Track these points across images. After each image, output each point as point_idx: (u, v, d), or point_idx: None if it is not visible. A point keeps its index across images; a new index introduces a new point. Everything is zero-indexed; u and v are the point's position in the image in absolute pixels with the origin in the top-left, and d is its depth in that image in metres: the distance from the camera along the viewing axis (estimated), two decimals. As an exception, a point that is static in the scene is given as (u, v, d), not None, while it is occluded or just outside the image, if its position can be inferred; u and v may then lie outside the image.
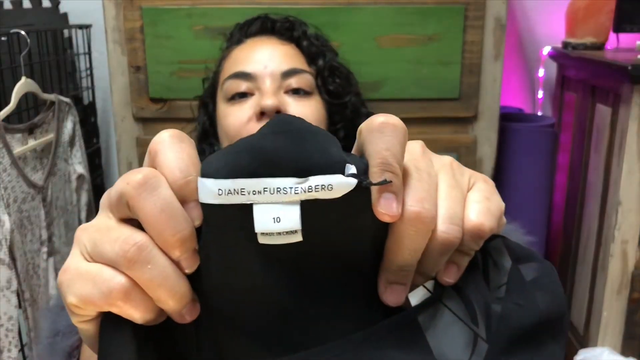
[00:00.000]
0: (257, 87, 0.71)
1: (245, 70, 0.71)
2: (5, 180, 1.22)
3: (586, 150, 1.55)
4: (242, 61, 0.73)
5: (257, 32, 0.77)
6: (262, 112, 0.68)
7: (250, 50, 0.74)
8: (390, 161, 0.26)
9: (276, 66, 0.71)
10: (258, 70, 0.71)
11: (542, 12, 1.80)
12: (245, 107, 0.71)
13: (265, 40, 0.76)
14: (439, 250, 0.27)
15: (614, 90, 1.38)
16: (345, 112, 0.77)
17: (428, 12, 1.27)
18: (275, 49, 0.73)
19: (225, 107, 0.73)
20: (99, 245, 0.27)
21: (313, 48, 0.76)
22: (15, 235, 1.24)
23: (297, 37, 0.76)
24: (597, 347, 1.42)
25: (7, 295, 1.21)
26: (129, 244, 0.26)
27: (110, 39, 1.29)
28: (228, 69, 0.75)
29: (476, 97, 1.34)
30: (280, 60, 0.72)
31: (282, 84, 0.71)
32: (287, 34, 0.77)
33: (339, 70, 0.77)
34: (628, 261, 1.38)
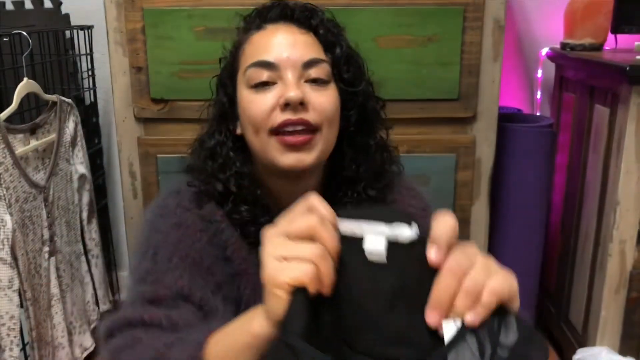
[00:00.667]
0: (280, 77, 0.74)
1: (267, 59, 0.74)
2: (7, 180, 1.23)
3: (584, 150, 1.56)
4: (263, 49, 0.76)
5: (276, 19, 0.79)
6: (287, 103, 0.72)
7: (271, 37, 0.77)
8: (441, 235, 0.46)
9: (298, 57, 0.74)
10: (281, 60, 0.74)
11: (540, 13, 1.80)
12: (268, 96, 0.74)
13: (286, 28, 0.77)
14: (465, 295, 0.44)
15: (612, 90, 1.39)
16: (357, 99, 0.80)
17: (427, 13, 1.28)
18: (296, 39, 0.76)
19: (248, 94, 0.76)
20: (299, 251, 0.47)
21: (330, 36, 0.78)
22: (17, 235, 1.24)
23: (315, 26, 0.78)
24: (596, 347, 1.42)
25: (9, 294, 1.22)
26: (318, 251, 0.47)
27: (111, 39, 1.30)
28: (250, 55, 0.77)
29: (475, 98, 1.34)
30: (301, 50, 0.75)
31: (303, 74, 0.75)
32: (305, 22, 0.78)
33: (353, 59, 0.80)
34: (626, 261, 1.39)
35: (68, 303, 1.46)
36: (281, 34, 0.76)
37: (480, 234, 1.45)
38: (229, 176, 0.78)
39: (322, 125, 0.74)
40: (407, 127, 1.36)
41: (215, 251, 0.77)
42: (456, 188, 1.40)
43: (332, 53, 0.77)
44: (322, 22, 0.79)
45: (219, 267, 0.76)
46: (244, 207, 0.78)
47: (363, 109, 0.80)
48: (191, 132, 1.34)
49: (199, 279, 0.72)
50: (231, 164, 0.78)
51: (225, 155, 0.79)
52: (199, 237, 0.76)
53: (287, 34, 0.76)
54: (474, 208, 1.43)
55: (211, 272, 0.74)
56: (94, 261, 1.59)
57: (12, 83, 1.42)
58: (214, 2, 1.26)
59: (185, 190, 0.81)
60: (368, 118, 0.82)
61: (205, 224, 0.77)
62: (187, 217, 0.77)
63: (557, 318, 1.73)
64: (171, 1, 1.26)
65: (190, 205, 0.79)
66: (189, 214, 0.77)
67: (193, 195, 0.80)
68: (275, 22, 0.78)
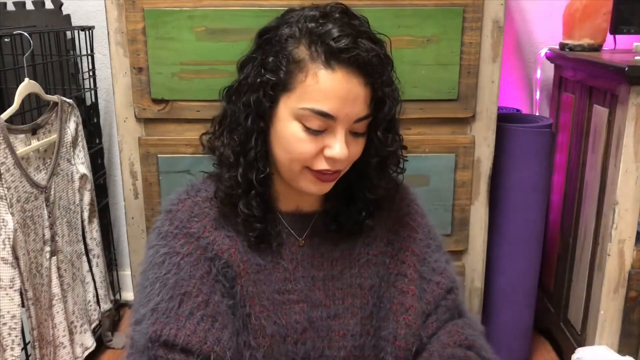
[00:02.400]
0: (331, 126, 0.77)
1: (328, 112, 0.75)
2: (8, 180, 1.23)
3: (583, 150, 1.56)
4: (327, 97, 0.74)
5: (348, 63, 0.75)
6: (332, 159, 0.77)
7: (337, 86, 0.75)
8: None
9: (355, 113, 0.76)
10: (340, 113, 0.75)
11: (539, 14, 1.81)
12: (318, 140, 0.77)
13: (353, 80, 0.75)
14: None
15: (610, 91, 1.40)
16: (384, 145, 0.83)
17: (427, 14, 1.29)
18: (358, 95, 0.76)
19: (297, 129, 0.76)
20: None
21: (382, 96, 0.79)
22: (19, 235, 1.25)
23: (375, 79, 0.77)
24: (595, 346, 1.43)
25: (10, 294, 1.22)
26: None
27: (112, 40, 1.31)
28: (312, 94, 0.75)
29: (474, 98, 1.35)
30: (359, 109, 0.77)
31: (351, 127, 0.78)
32: (370, 76, 0.77)
33: (392, 124, 0.82)
34: (625, 260, 1.39)
35: (69, 302, 1.47)
36: (347, 87, 0.75)
37: (479, 234, 1.45)
38: (257, 175, 0.80)
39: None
40: (406, 128, 1.36)
41: (207, 266, 0.80)
42: (455, 188, 1.40)
43: (375, 110, 0.79)
44: (382, 76, 0.78)
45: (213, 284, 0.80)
46: (255, 202, 0.81)
47: (383, 156, 0.83)
48: (192, 132, 1.35)
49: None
50: (258, 164, 0.80)
51: (254, 157, 0.79)
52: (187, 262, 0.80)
53: (353, 88, 0.75)
54: (473, 208, 1.44)
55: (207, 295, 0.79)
56: (95, 261, 1.59)
57: (13, 83, 1.42)
58: (215, 2, 1.27)
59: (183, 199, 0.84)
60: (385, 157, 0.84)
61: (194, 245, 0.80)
62: (175, 244, 0.80)
63: (556, 317, 1.74)
64: (172, 2, 1.27)
65: (181, 224, 0.81)
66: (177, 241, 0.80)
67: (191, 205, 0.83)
68: (346, 66, 0.75)
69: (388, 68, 0.80)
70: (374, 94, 0.78)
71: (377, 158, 0.83)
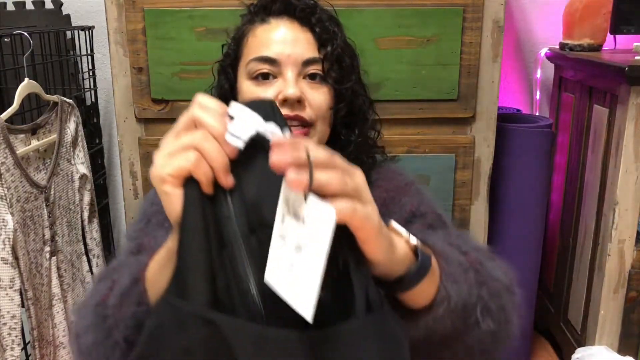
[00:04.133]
0: (280, 72, 0.78)
1: (270, 55, 0.78)
2: (8, 180, 1.23)
3: (583, 150, 1.56)
4: (266, 44, 0.79)
5: (280, 13, 0.81)
6: (285, 99, 0.76)
7: (274, 32, 0.80)
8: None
9: (298, 55, 0.77)
10: (282, 57, 0.77)
11: (539, 14, 1.81)
12: (269, 90, 0.78)
13: (288, 25, 0.80)
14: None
15: (611, 91, 1.40)
16: (345, 95, 0.83)
17: (427, 13, 1.29)
18: (297, 36, 0.79)
19: (248, 85, 0.80)
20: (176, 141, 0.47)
21: (325, 35, 0.81)
22: (19, 235, 1.25)
23: (313, 23, 0.81)
24: (595, 346, 1.43)
25: (10, 294, 1.22)
26: (198, 134, 0.47)
27: (112, 40, 1.31)
28: (253, 48, 0.80)
29: (474, 98, 1.35)
30: (302, 49, 0.79)
31: (302, 71, 0.79)
32: (306, 18, 0.81)
33: (343, 58, 0.82)
34: (625, 260, 1.39)
35: (69, 302, 1.47)
36: (284, 31, 0.79)
37: (479, 234, 1.45)
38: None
39: (316, 120, 0.78)
40: (406, 127, 1.36)
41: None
42: (455, 188, 1.40)
43: (324, 50, 0.80)
44: (321, 19, 0.81)
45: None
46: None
47: (350, 105, 0.83)
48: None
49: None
50: None
51: None
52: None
53: (290, 31, 0.79)
54: (473, 208, 1.44)
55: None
56: (95, 261, 1.59)
57: (13, 83, 1.42)
58: (215, 2, 1.27)
59: None
60: (353, 115, 0.84)
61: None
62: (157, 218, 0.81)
63: (556, 318, 1.74)
64: (172, 2, 1.27)
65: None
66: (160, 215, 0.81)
67: None
68: (278, 16, 0.81)
69: (321, 13, 0.82)
70: (318, 37, 0.80)
71: (341, 106, 0.82)
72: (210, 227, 0.48)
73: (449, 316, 0.59)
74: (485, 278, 0.63)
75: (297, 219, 0.45)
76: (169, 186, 0.48)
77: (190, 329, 0.45)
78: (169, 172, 0.47)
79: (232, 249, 0.48)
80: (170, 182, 0.47)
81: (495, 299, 0.63)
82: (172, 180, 0.47)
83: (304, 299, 0.44)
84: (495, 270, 0.65)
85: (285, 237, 0.46)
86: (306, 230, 0.44)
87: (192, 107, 0.49)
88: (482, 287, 0.62)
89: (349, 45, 0.85)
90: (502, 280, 0.65)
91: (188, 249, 0.47)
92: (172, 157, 0.47)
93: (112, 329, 0.59)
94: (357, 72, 0.86)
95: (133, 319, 0.57)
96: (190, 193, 0.47)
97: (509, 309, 0.64)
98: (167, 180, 0.47)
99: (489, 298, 0.62)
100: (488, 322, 0.62)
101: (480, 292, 0.62)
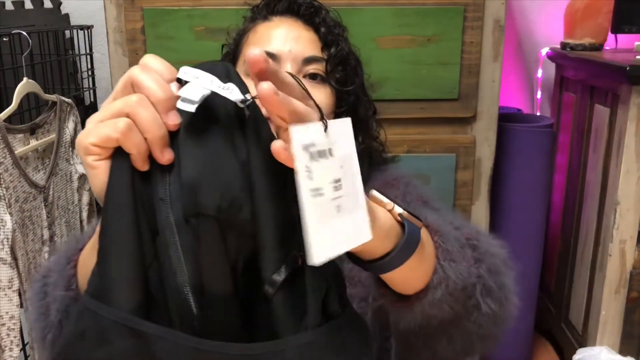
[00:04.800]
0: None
1: (269, 50, 0.75)
2: (7, 180, 1.23)
3: (584, 150, 1.56)
4: (266, 39, 0.76)
5: (283, 12, 0.80)
6: None
7: (275, 29, 0.78)
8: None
9: (299, 51, 0.75)
10: (282, 53, 0.75)
11: (540, 13, 1.80)
12: None
13: (291, 23, 0.79)
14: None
15: (612, 90, 1.39)
16: (348, 99, 0.81)
17: (427, 13, 1.28)
18: (299, 34, 0.77)
19: (246, 81, 0.76)
20: (109, 106, 0.40)
21: (329, 36, 0.79)
22: (17, 235, 1.24)
23: (318, 23, 0.79)
24: (596, 347, 1.42)
25: (9, 294, 1.22)
26: (133, 97, 0.40)
27: (111, 39, 1.30)
28: (253, 44, 0.79)
29: (475, 98, 1.34)
30: (303, 46, 0.76)
31: (302, 69, 0.76)
32: (310, 18, 0.80)
33: (348, 61, 0.81)
34: (626, 261, 1.39)
35: (68, 303, 1.46)
36: (286, 27, 0.78)
37: (480, 234, 1.45)
38: None
39: None
40: (407, 127, 1.36)
41: None
42: (456, 188, 1.40)
43: (328, 51, 0.78)
44: (325, 20, 0.80)
45: None
46: None
47: (352, 109, 0.81)
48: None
49: None
50: None
51: None
52: None
53: (292, 28, 0.78)
54: (474, 208, 1.43)
55: None
56: (93, 261, 1.59)
57: (12, 83, 1.41)
58: (214, 2, 1.26)
59: None
60: (355, 122, 0.81)
61: None
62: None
63: (557, 318, 1.73)
64: (171, 1, 1.26)
65: None
66: None
67: None
68: (281, 14, 0.80)
69: (325, 14, 0.81)
70: (323, 37, 0.78)
71: (343, 110, 0.79)
72: (140, 209, 0.41)
73: (447, 300, 0.54)
74: (483, 254, 0.58)
75: (324, 156, 0.39)
76: (92, 157, 0.41)
77: (113, 339, 0.39)
78: (92, 141, 0.40)
79: (164, 239, 0.41)
80: (94, 153, 0.41)
81: (495, 276, 0.58)
82: (97, 150, 0.41)
83: (360, 229, 0.39)
84: (491, 245, 0.60)
85: (321, 186, 0.38)
86: (335, 159, 0.39)
87: (134, 67, 0.42)
88: (481, 264, 0.57)
89: (353, 51, 0.83)
90: (499, 255, 0.60)
91: (111, 235, 0.40)
92: (101, 124, 0.41)
93: (49, 307, 0.55)
94: (361, 79, 0.84)
95: (62, 304, 0.53)
96: (117, 167, 0.40)
97: (509, 286, 0.60)
98: (91, 150, 0.41)
99: (488, 276, 0.57)
100: (489, 303, 0.57)
101: (479, 270, 0.57)
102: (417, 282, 0.53)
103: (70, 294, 0.52)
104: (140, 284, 0.40)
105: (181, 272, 0.40)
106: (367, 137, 0.84)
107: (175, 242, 0.41)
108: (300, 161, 0.37)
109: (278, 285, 0.41)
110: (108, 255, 0.40)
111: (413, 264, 0.48)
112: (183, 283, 0.40)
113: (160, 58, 0.42)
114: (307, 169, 0.38)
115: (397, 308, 0.54)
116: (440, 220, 0.58)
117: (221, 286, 0.41)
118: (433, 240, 0.54)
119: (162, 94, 0.40)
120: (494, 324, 0.59)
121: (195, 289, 0.40)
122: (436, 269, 0.53)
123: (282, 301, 0.41)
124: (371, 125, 0.85)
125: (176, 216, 0.41)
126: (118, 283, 0.39)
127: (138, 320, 0.39)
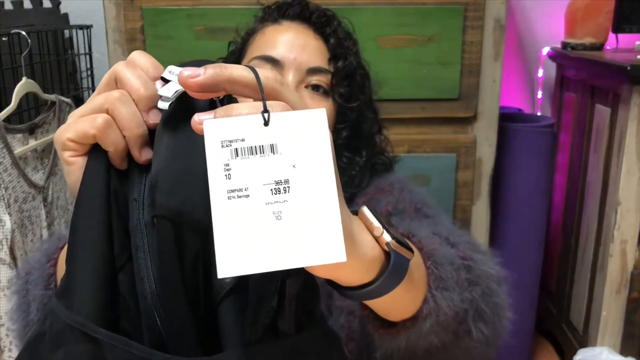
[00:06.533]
0: (282, 75, 0.73)
1: (273, 55, 0.72)
2: (6, 180, 1.22)
3: (585, 150, 1.55)
4: (273, 43, 0.74)
5: (294, 17, 0.77)
6: None
7: (284, 34, 0.74)
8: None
9: (304, 61, 0.72)
10: (287, 59, 0.72)
11: (541, 13, 1.80)
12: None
13: (301, 30, 0.76)
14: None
15: (613, 90, 1.39)
16: (351, 115, 0.78)
17: (428, 12, 1.28)
18: (307, 42, 0.74)
19: None
20: (91, 101, 0.39)
21: (338, 49, 0.77)
22: (16, 235, 1.24)
23: (328, 34, 0.77)
24: (597, 347, 1.42)
25: (8, 295, 1.21)
26: (114, 93, 0.39)
27: (110, 39, 1.30)
28: (259, 46, 0.76)
29: (476, 98, 1.34)
30: (310, 56, 0.73)
31: (305, 79, 0.73)
32: (321, 27, 0.77)
33: (354, 76, 0.78)
34: (627, 261, 1.38)
35: (67, 303, 1.46)
36: (294, 34, 0.75)
37: (480, 235, 1.44)
38: None
39: None
40: (407, 127, 1.35)
41: None
42: (457, 188, 1.39)
43: (335, 64, 0.76)
44: (336, 31, 0.77)
45: None
46: None
47: (356, 125, 0.79)
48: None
49: None
50: None
51: None
52: None
53: (300, 35, 0.75)
54: (474, 208, 1.43)
55: None
56: (93, 261, 1.59)
57: (11, 83, 1.41)
58: (214, 1, 1.26)
59: None
60: (358, 138, 0.79)
61: None
62: None
63: (557, 318, 1.73)
64: (170, 0, 1.26)
65: None
66: None
67: None
68: (292, 20, 0.77)
69: (337, 25, 0.79)
70: (331, 49, 0.76)
71: (344, 126, 0.76)
72: (115, 210, 0.39)
73: (436, 330, 0.51)
74: (477, 277, 0.55)
75: (258, 153, 0.34)
76: (68, 153, 0.40)
77: (68, 343, 0.38)
78: (69, 137, 0.39)
79: (134, 241, 0.40)
80: (70, 149, 0.40)
81: (488, 298, 0.55)
82: (74, 146, 0.40)
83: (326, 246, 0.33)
84: (487, 265, 0.57)
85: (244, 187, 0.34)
86: (281, 156, 0.34)
87: (119, 62, 0.41)
88: (475, 288, 0.54)
89: (363, 65, 0.81)
90: (494, 275, 0.57)
91: (78, 235, 0.39)
92: (80, 119, 0.39)
93: (30, 305, 0.54)
94: (368, 94, 0.81)
95: (41, 302, 0.53)
96: (93, 165, 0.39)
97: (502, 304, 0.57)
98: (67, 145, 0.40)
99: (481, 299, 0.54)
100: (481, 327, 0.54)
101: (473, 294, 0.54)
102: (403, 310, 0.49)
103: (48, 293, 0.52)
104: (105, 287, 0.38)
105: (147, 276, 0.39)
106: (372, 152, 0.81)
107: (143, 244, 0.39)
108: (214, 158, 0.34)
109: (223, 294, 0.39)
110: (74, 255, 0.39)
111: (397, 294, 0.43)
112: (148, 289, 0.39)
113: (148, 55, 0.41)
114: (226, 166, 0.34)
115: (380, 334, 0.51)
116: (434, 239, 0.55)
117: (177, 293, 0.38)
118: (426, 265, 0.51)
119: (144, 92, 0.39)
120: (487, 345, 0.57)
121: (158, 295, 0.39)
122: (427, 298, 0.49)
123: (226, 310, 0.39)
124: (376, 141, 0.83)
125: (146, 218, 0.39)
126: (81, 285, 0.38)
127: (93, 327, 0.37)
